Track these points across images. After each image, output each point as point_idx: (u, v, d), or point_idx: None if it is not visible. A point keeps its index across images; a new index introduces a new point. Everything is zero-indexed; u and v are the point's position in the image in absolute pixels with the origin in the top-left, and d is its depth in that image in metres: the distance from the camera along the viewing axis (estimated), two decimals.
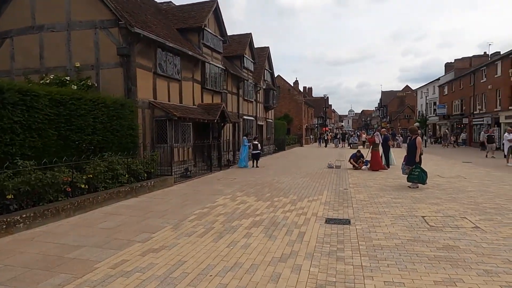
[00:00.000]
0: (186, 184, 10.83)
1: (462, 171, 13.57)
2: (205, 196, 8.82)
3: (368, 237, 5.34)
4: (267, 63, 27.61)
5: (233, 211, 7.17)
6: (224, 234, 5.54)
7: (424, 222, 6.14)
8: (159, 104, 11.70)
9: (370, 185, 10.40)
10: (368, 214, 6.86)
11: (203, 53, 15.58)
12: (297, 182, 11.24)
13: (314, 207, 7.56)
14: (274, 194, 9.10)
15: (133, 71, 10.88)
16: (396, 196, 8.62)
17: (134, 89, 10.92)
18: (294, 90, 43.75)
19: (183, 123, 12.49)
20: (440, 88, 44.48)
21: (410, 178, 9.69)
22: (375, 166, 14.24)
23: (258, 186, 10.41)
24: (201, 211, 7.12)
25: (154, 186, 9.39)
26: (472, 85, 33.83)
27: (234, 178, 12.06)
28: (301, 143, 39.85)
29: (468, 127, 34.88)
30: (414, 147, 9.76)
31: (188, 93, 14.37)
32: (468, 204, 7.46)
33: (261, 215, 6.84)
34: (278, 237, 5.42)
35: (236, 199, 8.39)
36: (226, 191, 9.48)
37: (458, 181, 10.88)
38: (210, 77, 16.24)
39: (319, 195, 8.97)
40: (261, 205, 7.76)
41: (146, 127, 11.53)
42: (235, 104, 20.30)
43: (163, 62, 12.47)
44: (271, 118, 29.38)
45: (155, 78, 12.01)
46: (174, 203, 7.95)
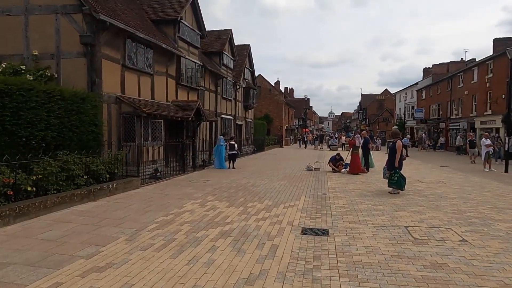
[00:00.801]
0: (154, 186, 10.01)
1: (441, 176, 13.38)
2: (172, 200, 8.07)
3: (347, 252, 4.77)
4: (248, 61, 26.97)
5: (200, 218, 6.47)
6: (185, 248, 4.83)
7: (407, 233, 5.64)
8: (127, 99, 10.82)
9: (350, 190, 9.93)
10: (347, 223, 6.31)
11: (179, 47, 14.75)
12: (274, 185, 10.63)
13: (290, 214, 6.96)
14: (248, 199, 8.45)
15: (98, 62, 9.96)
16: (376, 202, 8.15)
17: (99, 82, 10.00)
18: (275, 90, 43.31)
19: (153, 120, 11.65)
20: (418, 93, 45.17)
21: (390, 183, 9.28)
22: (355, 169, 13.85)
23: (232, 189, 9.73)
24: (165, 219, 6.38)
25: (116, 189, 8.54)
26: (449, 90, 34.39)
27: (208, 180, 11.33)
28: (281, 143, 39.45)
29: (444, 132, 35.44)
30: (394, 151, 9.34)
31: (161, 89, 13.51)
32: (451, 213, 7.06)
33: (231, 223, 6.17)
34: (248, 251, 4.76)
35: (206, 205, 7.68)
36: (196, 195, 8.75)
37: (439, 187, 10.57)
38: (186, 73, 15.42)
39: (296, 200, 8.39)
40: (232, 211, 7.09)
41: (112, 124, 10.63)
42: (212, 102, 19.52)
43: (133, 54, 11.59)
44: (250, 118, 28.75)
45: (123, 71, 11.11)
46: (135, 208, 7.16)
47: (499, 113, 24.13)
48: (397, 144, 9.35)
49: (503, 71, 23.94)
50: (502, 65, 24.26)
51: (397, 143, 9.38)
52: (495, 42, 28.15)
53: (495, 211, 7.26)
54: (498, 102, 24.53)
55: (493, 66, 26.13)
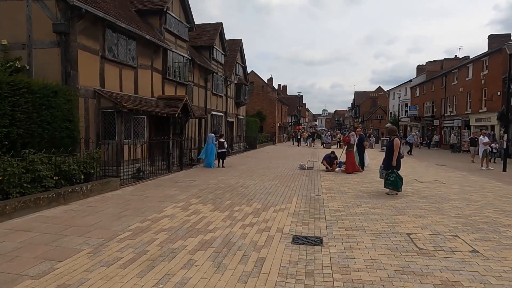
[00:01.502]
0: (135, 187, 9.29)
1: (438, 175, 12.87)
2: (152, 203, 7.37)
3: (344, 266, 4.14)
4: (240, 56, 26.23)
5: (180, 225, 5.79)
6: (157, 263, 4.15)
7: (411, 242, 5.03)
8: (106, 93, 10.06)
9: (345, 191, 9.33)
10: (343, 229, 5.69)
11: (165, 39, 13.99)
12: (264, 186, 9.99)
13: (280, 219, 6.32)
14: (235, 201, 7.79)
15: (73, 53, 9.18)
16: (374, 205, 7.55)
17: (74, 74, 9.23)
18: (268, 87, 42.63)
19: (136, 117, 10.90)
20: (412, 90, 44.87)
21: (386, 183, 8.68)
22: (350, 168, 13.26)
23: (219, 190, 9.06)
24: (140, 226, 5.69)
25: (91, 191, 7.81)
26: (444, 87, 34.06)
27: (194, 181, 10.63)
28: (274, 141, 38.82)
29: (438, 129, 35.13)
30: (392, 150, 8.74)
31: (145, 83, 12.75)
32: (456, 217, 6.48)
33: (214, 231, 5.51)
34: (230, 266, 4.11)
35: (189, 208, 7.00)
36: (179, 197, 8.06)
37: (438, 187, 10.03)
38: (173, 67, 14.67)
39: (288, 203, 7.75)
40: (217, 216, 6.42)
41: (90, 120, 9.87)
42: (202, 98, 18.78)
43: (114, 46, 10.81)
44: (242, 115, 28.04)
45: (103, 63, 10.34)
46: (109, 213, 6.45)
47: (494, 111, 23.79)
48: (395, 142, 8.75)
49: (499, 67, 23.60)
50: (498, 61, 23.91)
51: (395, 141, 8.78)
52: (490, 38, 27.82)
53: (503, 215, 6.70)
54: (494, 99, 24.19)
55: (488, 62, 25.77)
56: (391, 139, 8.95)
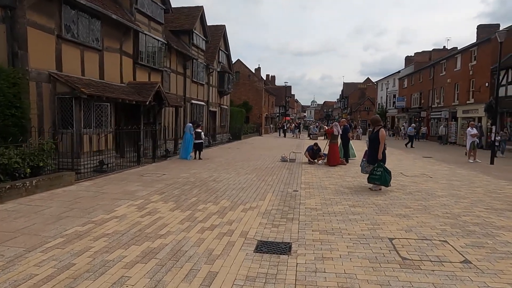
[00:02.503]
0: (94, 182, 8.37)
1: (425, 168, 12.29)
2: (105, 201, 6.49)
3: (311, 284, 3.39)
4: (223, 43, 25.13)
5: (127, 229, 4.95)
6: (78, 282, 3.32)
7: (393, 249, 4.31)
8: (63, 77, 9.02)
9: (325, 186, 8.61)
10: (317, 233, 4.94)
11: (136, 20, 12.90)
12: (239, 180, 9.19)
13: (247, 220, 5.54)
14: (202, 198, 6.97)
15: (21, 31, 8.12)
16: (355, 202, 6.84)
17: (23, 55, 8.18)
18: (254, 76, 41.59)
19: (98, 104, 9.89)
20: (400, 81, 44.46)
21: (371, 179, 7.96)
22: (333, 160, 12.57)
23: (188, 185, 8.22)
24: (79, 230, 4.83)
25: (37, 187, 6.87)
26: (431, 78, 33.65)
27: (163, 174, 9.76)
28: (260, 132, 38.01)
29: (426, 121, 34.83)
30: (376, 142, 8.01)
31: (113, 68, 11.71)
32: (444, 217, 5.80)
33: (165, 236, 4.69)
34: (170, 285, 3.31)
35: (146, 207, 6.16)
36: (139, 194, 7.19)
37: (424, 181, 9.40)
38: (146, 51, 13.61)
39: (260, 200, 6.98)
40: (175, 217, 5.60)
41: (44, 107, 8.86)
42: (180, 86, 17.75)
43: (73, 24, 9.73)
44: (226, 105, 27.06)
45: (59, 44, 9.28)
46: (48, 214, 5.56)
47: (482, 102, 23.41)
48: (380, 133, 8.02)
49: (487, 58, 23.15)
50: (487, 52, 23.45)
51: (380, 131, 8.05)
52: (479, 28, 27.31)
53: (494, 214, 6.06)
54: (481, 91, 23.78)
55: (477, 53, 25.30)
56: (376, 130, 8.22)
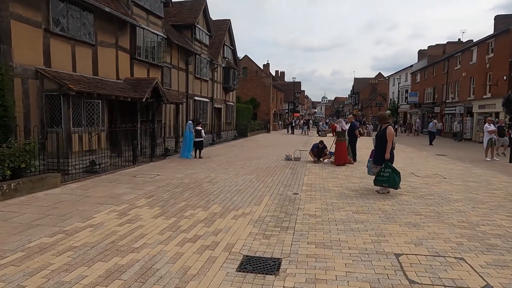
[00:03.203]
0: (82, 184, 7.91)
1: (438, 167, 11.50)
2: (86, 206, 6.00)
3: None
4: (228, 38, 24.51)
5: (100, 240, 4.43)
6: None
7: (399, 269, 3.67)
8: (50, 73, 8.57)
9: (329, 188, 7.97)
10: (313, 246, 4.33)
11: (133, 14, 12.40)
12: (236, 181, 8.62)
13: (236, 229, 4.96)
14: (192, 203, 6.42)
15: (4, 24, 7.68)
16: (359, 207, 6.19)
17: (6, 49, 7.75)
18: (262, 72, 40.87)
19: (89, 101, 9.42)
20: (413, 76, 43.14)
21: (378, 181, 7.28)
22: (339, 159, 11.87)
23: (179, 188, 7.69)
24: (45, 242, 4.32)
25: (17, 190, 6.43)
26: (446, 72, 32.39)
27: (157, 175, 9.25)
28: (268, 129, 37.34)
29: (439, 116, 33.61)
30: (384, 140, 7.32)
31: (108, 64, 11.25)
32: (460, 227, 5.11)
33: (139, 250, 4.15)
34: None
35: (128, 213, 5.64)
36: (125, 197, 6.69)
37: (438, 183, 8.66)
38: (144, 46, 13.13)
39: (255, 204, 6.39)
40: (157, 226, 5.06)
41: (31, 105, 8.44)
42: (182, 82, 17.24)
43: (63, 18, 9.27)
44: (232, 101, 26.48)
45: (47, 38, 8.83)
46: (18, 222, 5.08)
47: (499, 96, 22.23)
48: (388, 130, 7.32)
49: (506, 50, 21.97)
50: (505, 43, 22.25)
51: (388, 129, 7.35)
52: (496, 19, 26.04)
53: None
54: (499, 84, 22.61)
55: (494, 45, 24.05)
56: (383, 128, 7.52)
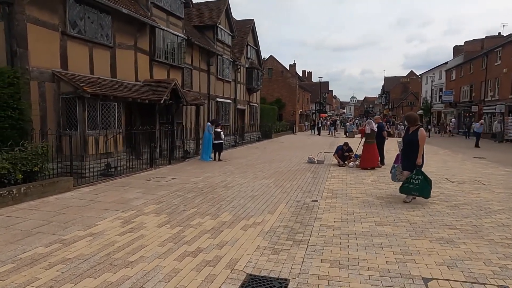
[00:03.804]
0: (95, 187, 7.77)
1: (476, 172, 10.48)
2: (92, 212, 5.78)
3: None
4: (252, 38, 24.16)
5: (96, 251, 4.14)
6: None
7: None
8: (66, 76, 8.54)
9: (352, 194, 7.35)
10: (327, 265, 3.81)
11: (153, 15, 12.31)
12: (252, 186, 8.18)
13: (244, 242, 4.52)
14: (202, 209, 6.06)
15: (20, 28, 7.70)
16: (384, 218, 5.56)
17: (23, 53, 7.77)
18: (288, 72, 40.23)
19: (105, 103, 9.34)
20: (448, 73, 40.86)
21: (407, 189, 6.55)
22: (367, 163, 11.13)
23: (192, 193, 7.36)
24: (39, 252, 4.09)
25: (27, 194, 6.34)
26: (484, 68, 30.31)
27: (173, 178, 9.00)
28: (294, 130, 36.65)
29: (477, 116, 31.51)
30: (415, 144, 6.55)
31: (127, 66, 11.19)
32: (503, 246, 4.39)
33: (134, 264, 3.81)
34: None
35: (133, 221, 5.35)
36: (134, 203, 6.43)
37: (475, 190, 7.79)
38: (164, 47, 13.02)
39: (269, 213, 5.92)
40: (159, 236, 4.73)
41: (48, 108, 8.44)
42: (204, 84, 17.06)
43: (81, 20, 9.25)
44: (256, 102, 26.11)
45: (64, 41, 8.82)
46: (20, 228, 4.91)
47: None
48: (420, 133, 6.53)
49: None
50: None
51: (420, 132, 6.57)
52: None
53: None
54: None
55: None
56: (412, 131, 6.76)
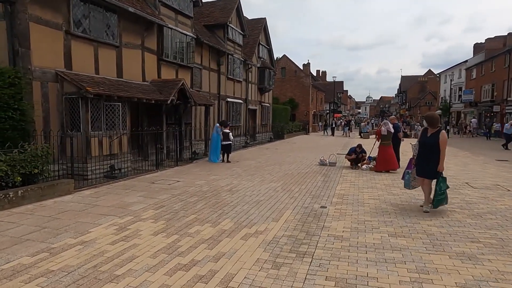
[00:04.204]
0: (96, 190, 7.55)
1: (499, 176, 9.81)
2: (88, 218, 5.54)
3: None
4: (264, 37, 23.78)
5: (82, 262, 3.86)
6: None
7: None
8: (69, 75, 8.38)
9: (364, 200, 6.89)
10: (331, 284, 3.43)
11: (161, 14, 12.10)
12: (259, 190, 7.81)
13: (243, 254, 4.16)
14: (202, 216, 5.73)
15: (22, 27, 7.56)
16: (398, 228, 5.10)
17: (25, 52, 7.63)
18: (301, 72, 39.65)
19: (110, 104, 9.14)
20: (468, 72, 39.44)
21: (439, 201, 5.80)
22: (382, 165, 10.59)
23: (194, 197, 7.05)
24: (22, 263, 3.84)
25: (24, 197, 6.16)
26: (507, 66, 29.02)
27: (177, 181, 8.72)
28: (307, 130, 36.07)
29: (499, 116, 30.24)
30: (435, 148, 5.80)
31: (133, 65, 11.00)
32: None
33: (119, 279, 3.51)
34: None
35: (128, 228, 5.07)
36: (133, 208, 6.16)
37: (499, 197, 7.20)
38: (172, 47, 12.80)
39: (273, 220, 5.55)
40: (153, 245, 4.42)
41: (51, 108, 8.30)
42: (214, 83, 16.79)
43: (85, 19, 9.08)
44: (267, 102, 25.72)
45: (68, 40, 8.67)
46: (10, 235, 4.69)
47: None
48: (442, 137, 5.80)
49: None
50: None
51: (442, 135, 5.84)
52: None
53: None
54: None
55: None
56: (434, 133, 5.97)
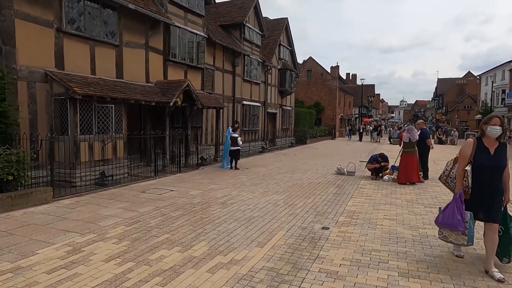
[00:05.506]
0: (77, 200, 6.91)
1: None
2: (46, 234, 4.84)
3: None
4: (285, 37, 22.78)
5: None
6: None
7: None
8: (58, 75, 7.85)
9: (377, 220, 5.75)
10: None
11: (168, 12, 11.49)
12: (256, 204, 6.85)
13: None
14: (176, 236, 4.86)
15: (7, 24, 7.12)
16: (413, 264, 3.96)
17: (10, 51, 7.18)
18: (328, 75, 38.13)
19: (102, 106, 8.55)
20: None
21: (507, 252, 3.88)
22: (403, 176, 9.29)
23: (179, 211, 6.21)
24: None
25: None
26: None
27: (170, 190, 7.94)
28: (333, 135, 34.50)
29: None
30: (501, 171, 3.77)
31: (135, 66, 10.43)
32: None
33: None
34: None
35: (82, 250, 4.29)
36: (104, 223, 5.41)
37: None
38: (180, 46, 12.15)
39: (258, 245, 4.57)
40: (97, 276, 3.60)
41: (38, 110, 7.81)
42: (228, 85, 16.02)
43: (79, 16, 8.58)
44: (289, 105, 24.63)
45: (60, 38, 8.18)
46: None
47: None
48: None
49: None
50: None
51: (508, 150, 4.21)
52: None
53: None
54: None
55: None
56: (498, 148, 3.80)
